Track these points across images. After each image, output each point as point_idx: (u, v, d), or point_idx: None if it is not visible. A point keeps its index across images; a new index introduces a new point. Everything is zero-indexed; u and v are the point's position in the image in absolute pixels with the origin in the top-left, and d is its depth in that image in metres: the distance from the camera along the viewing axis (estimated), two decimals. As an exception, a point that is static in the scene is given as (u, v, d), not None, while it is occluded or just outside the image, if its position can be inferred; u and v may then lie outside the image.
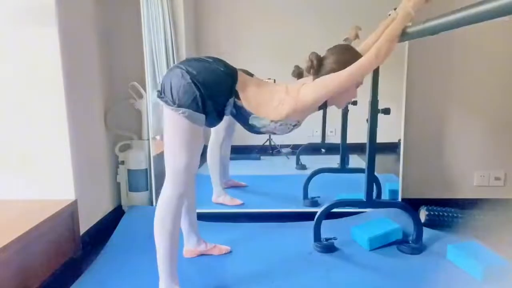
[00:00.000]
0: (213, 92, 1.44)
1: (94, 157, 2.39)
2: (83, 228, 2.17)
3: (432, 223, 2.32)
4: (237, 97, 1.50)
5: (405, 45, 2.48)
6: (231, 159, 3.78)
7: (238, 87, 1.49)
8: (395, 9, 1.58)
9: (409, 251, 2.03)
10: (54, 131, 2.02)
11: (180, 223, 1.61)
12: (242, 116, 1.54)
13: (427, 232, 2.15)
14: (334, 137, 4.18)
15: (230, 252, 2.06)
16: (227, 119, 2.80)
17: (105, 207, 2.53)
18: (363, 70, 1.45)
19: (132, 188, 2.67)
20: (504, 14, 0.83)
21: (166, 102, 1.45)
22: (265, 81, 1.62)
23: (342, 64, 1.49)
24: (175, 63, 2.94)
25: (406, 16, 1.46)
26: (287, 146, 4.55)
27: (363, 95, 2.16)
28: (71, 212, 2.03)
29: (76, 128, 2.09)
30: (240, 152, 4.16)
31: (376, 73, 2.07)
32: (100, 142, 2.49)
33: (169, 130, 1.49)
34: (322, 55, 1.58)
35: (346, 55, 1.53)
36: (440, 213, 2.36)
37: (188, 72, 1.43)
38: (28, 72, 1.97)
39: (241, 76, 1.52)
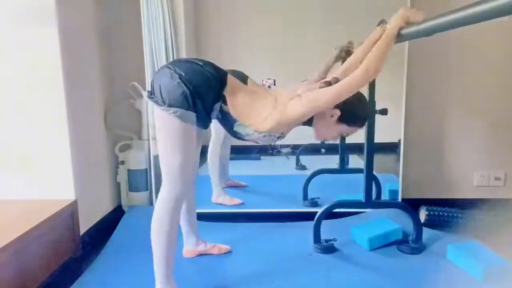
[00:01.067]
0: (201, 92, 1.43)
1: (94, 157, 2.40)
2: (83, 228, 2.17)
3: (432, 223, 2.32)
4: (224, 102, 1.48)
5: (405, 45, 2.48)
6: (231, 159, 3.78)
7: (226, 92, 1.48)
8: (382, 22, 1.51)
9: (409, 251, 2.03)
10: (54, 131, 2.02)
11: (178, 225, 1.60)
12: (227, 121, 1.53)
13: (427, 232, 2.15)
14: (334, 137, 4.18)
15: (230, 251, 2.06)
16: None
17: (105, 207, 2.53)
18: (352, 88, 1.42)
19: (132, 188, 2.67)
20: (502, 14, 0.83)
21: (156, 102, 1.44)
22: (255, 88, 1.59)
23: (347, 113, 1.53)
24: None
25: (392, 36, 1.42)
26: (287, 146, 4.55)
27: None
28: (71, 212, 2.03)
29: (76, 128, 2.09)
30: (240, 152, 4.16)
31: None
32: (100, 142, 2.49)
33: (161, 131, 1.48)
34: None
35: (355, 107, 1.55)
36: (440, 213, 2.36)
37: (176, 72, 1.42)
38: (28, 72, 1.97)
39: (230, 81, 1.50)
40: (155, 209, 1.56)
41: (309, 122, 1.57)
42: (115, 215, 2.54)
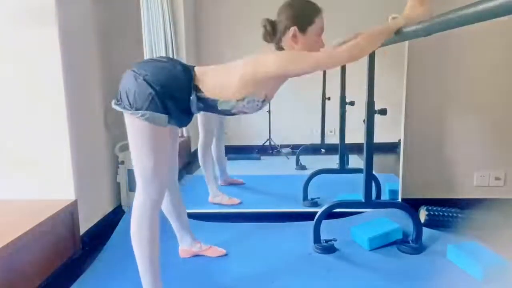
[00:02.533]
0: (170, 90, 1.39)
1: (94, 157, 2.39)
2: (83, 228, 2.17)
3: (432, 223, 2.32)
4: (199, 91, 1.44)
5: (405, 45, 2.49)
6: (231, 159, 3.79)
7: (196, 80, 1.44)
8: (394, 17, 1.44)
9: (409, 251, 2.03)
10: (54, 131, 2.02)
11: (158, 230, 1.53)
12: (210, 106, 1.48)
13: (427, 232, 2.15)
14: (333, 137, 4.20)
15: (226, 255, 2.03)
16: (218, 118, 2.82)
17: (105, 207, 2.53)
18: (333, 61, 1.37)
19: (132, 188, 2.66)
20: (502, 14, 0.83)
21: (124, 108, 1.40)
22: (221, 66, 1.54)
23: (294, 17, 1.43)
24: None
25: (399, 26, 1.35)
26: (287, 146, 4.56)
27: (361, 95, 2.17)
28: (71, 212, 2.03)
29: (76, 128, 2.09)
30: (240, 152, 4.17)
31: (371, 73, 2.07)
32: (100, 142, 2.49)
33: (132, 136, 1.44)
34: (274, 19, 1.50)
35: (294, 6, 1.46)
36: (440, 213, 2.36)
37: (140, 74, 1.38)
38: (28, 72, 1.97)
39: (197, 70, 1.47)
40: (132, 219, 1.50)
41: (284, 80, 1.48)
42: (115, 215, 2.54)
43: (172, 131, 1.53)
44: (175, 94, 1.40)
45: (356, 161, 3.43)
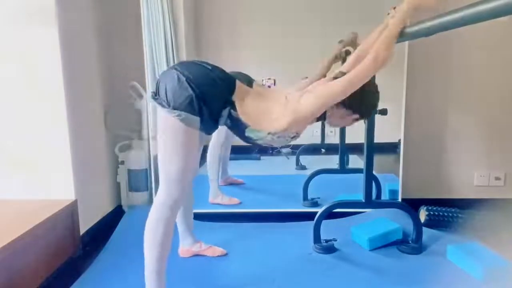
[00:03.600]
0: (208, 97, 1.39)
1: (94, 157, 2.40)
2: (83, 228, 2.17)
3: (432, 223, 2.32)
4: (233, 107, 1.45)
5: (405, 45, 2.48)
6: (231, 159, 3.78)
7: (235, 97, 1.45)
8: (394, 8, 1.51)
9: (409, 251, 2.03)
10: (54, 131, 2.02)
11: (172, 235, 1.53)
12: (238, 128, 1.49)
13: (427, 232, 2.15)
14: (333, 137, 4.18)
15: (226, 254, 2.03)
16: None
17: (105, 207, 2.53)
18: (363, 76, 1.39)
19: (132, 188, 2.67)
20: (502, 14, 0.83)
21: (160, 104, 1.41)
22: (264, 91, 1.57)
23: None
24: (175, 63, 2.94)
25: (403, 19, 1.39)
26: (287, 146, 4.55)
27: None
28: (71, 212, 2.03)
29: (76, 128, 2.09)
30: (240, 152, 4.15)
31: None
32: (100, 142, 2.49)
33: (163, 132, 1.44)
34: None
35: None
36: (440, 213, 2.36)
37: (183, 74, 1.39)
38: (28, 72, 1.97)
39: (239, 88, 1.48)
40: (150, 217, 1.50)
41: (322, 117, 1.54)
42: (115, 215, 2.54)
43: (200, 134, 1.50)
44: (211, 102, 1.40)
45: (356, 161, 3.42)
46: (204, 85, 1.39)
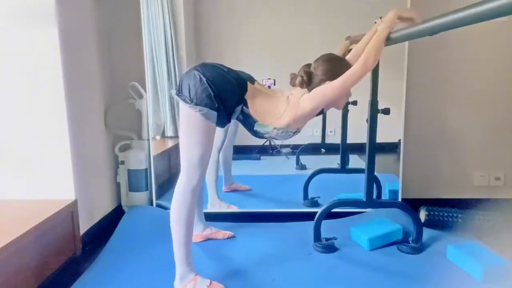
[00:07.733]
0: (225, 96, 1.61)
1: (94, 157, 2.39)
2: (83, 228, 2.17)
3: (432, 223, 2.32)
4: (246, 105, 1.67)
5: (405, 45, 2.49)
6: (232, 159, 3.78)
7: (247, 96, 1.67)
8: (380, 17, 1.67)
9: (409, 251, 2.03)
10: (54, 131, 2.02)
11: (194, 213, 1.72)
12: (248, 122, 1.72)
13: (427, 232, 2.15)
14: (334, 137, 4.18)
15: (234, 237, 2.23)
16: (234, 124, 2.78)
17: (105, 207, 2.53)
18: (354, 79, 1.59)
19: (132, 188, 2.67)
20: (502, 14, 0.83)
21: (184, 100, 1.59)
22: (270, 92, 1.78)
23: (330, 73, 1.67)
24: (175, 63, 2.97)
25: (389, 25, 1.61)
26: (287, 146, 4.55)
27: (363, 95, 2.17)
28: (71, 212, 2.03)
29: (76, 128, 2.09)
30: (240, 152, 4.15)
31: (375, 73, 2.07)
32: (100, 142, 2.49)
33: (186, 126, 1.62)
34: (310, 69, 1.74)
35: (331, 64, 1.70)
36: (440, 213, 2.36)
37: (204, 75, 1.58)
38: (28, 72, 1.97)
39: (250, 87, 1.69)
40: (173, 199, 1.67)
41: (321, 111, 1.74)
42: (115, 215, 2.54)
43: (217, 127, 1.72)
44: (226, 99, 1.62)
45: (356, 161, 3.42)
46: (221, 85, 1.60)
